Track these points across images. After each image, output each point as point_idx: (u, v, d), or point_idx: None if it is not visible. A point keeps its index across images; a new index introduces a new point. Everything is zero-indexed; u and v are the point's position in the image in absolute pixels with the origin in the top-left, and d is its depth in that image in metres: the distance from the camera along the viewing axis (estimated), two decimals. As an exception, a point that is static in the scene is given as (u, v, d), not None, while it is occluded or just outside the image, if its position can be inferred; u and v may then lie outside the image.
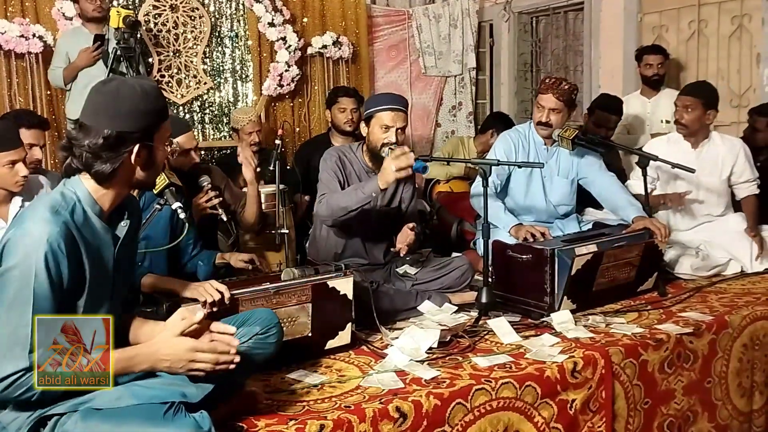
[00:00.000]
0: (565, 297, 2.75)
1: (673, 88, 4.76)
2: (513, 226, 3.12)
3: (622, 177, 3.80)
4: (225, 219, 3.02)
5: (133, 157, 1.63)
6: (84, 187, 1.64)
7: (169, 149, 1.71)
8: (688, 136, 3.51)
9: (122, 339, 1.72)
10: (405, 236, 2.94)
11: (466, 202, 3.53)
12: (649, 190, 3.26)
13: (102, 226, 1.67)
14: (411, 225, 2.97)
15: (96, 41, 4.07)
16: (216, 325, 1.72)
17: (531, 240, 2.99)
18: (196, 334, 1.68)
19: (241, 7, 5.08)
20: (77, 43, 4.16)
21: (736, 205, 3.65)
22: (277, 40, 5.05)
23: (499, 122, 5.07)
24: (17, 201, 2.56)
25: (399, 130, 2.94)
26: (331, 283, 2.36)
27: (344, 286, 2.38)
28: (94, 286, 1.61)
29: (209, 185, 3.04)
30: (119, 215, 1.74)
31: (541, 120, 3.29)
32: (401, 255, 2.97)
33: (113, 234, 1.70)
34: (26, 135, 2.74)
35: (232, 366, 1.66)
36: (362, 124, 3.06)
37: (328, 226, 3.01)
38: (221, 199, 3.06)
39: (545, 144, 3.40)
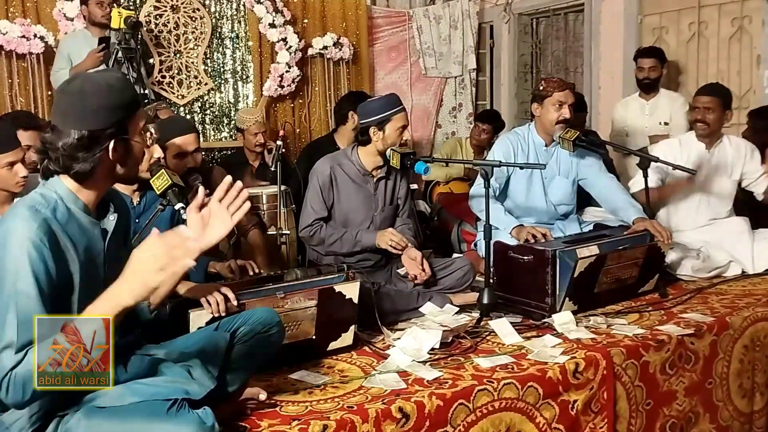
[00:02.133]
0: (567, 298, 2.75)
1: (672, 90, 4.77)
2: (514, 227, 3.12)
3: (610, 167, 3.78)
4: None
5: (110, 153, 1.60)
6: (64, 185, 1.62)
7: (148, 139, 1.67)
8: (704, 137, 3.48)
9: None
10: (416, 264, 2.97)
11: (466, 203, 3.53)
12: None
13: (89, 220, 1.64)
14: (414, 255, 3.00)
15: (101, 44, 4.08)
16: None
17: (532, 241, 2.99)
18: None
19: (242, 8, 5.09)
20: (79, 45, 4.15)
21: (738, 209, 3.64)
22: (278, 41, 5.06)
23: (482, 114, 5.29)
24: None
25: (405, 128, 3.04)
26: (337, 288, 2.35)
27: (350, 290, 2.38)
28: (85, 282, 1.59)
29: (200, 183, 3.04)
30: (105, 209, 1.72)
31: (566, 117, 3.26)
32: (420, 282, 3.01)
33: (101, 228, 1.68)
34: (23, 136, 2.75)
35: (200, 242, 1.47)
36: (372, 130, 2.99)
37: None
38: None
39: (545, 145, 3.41)
